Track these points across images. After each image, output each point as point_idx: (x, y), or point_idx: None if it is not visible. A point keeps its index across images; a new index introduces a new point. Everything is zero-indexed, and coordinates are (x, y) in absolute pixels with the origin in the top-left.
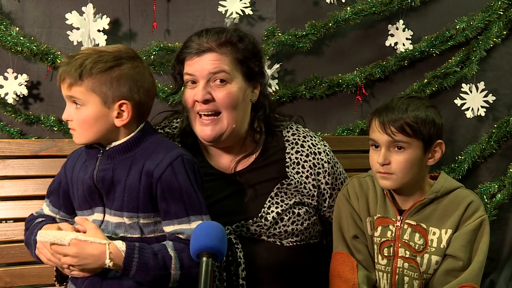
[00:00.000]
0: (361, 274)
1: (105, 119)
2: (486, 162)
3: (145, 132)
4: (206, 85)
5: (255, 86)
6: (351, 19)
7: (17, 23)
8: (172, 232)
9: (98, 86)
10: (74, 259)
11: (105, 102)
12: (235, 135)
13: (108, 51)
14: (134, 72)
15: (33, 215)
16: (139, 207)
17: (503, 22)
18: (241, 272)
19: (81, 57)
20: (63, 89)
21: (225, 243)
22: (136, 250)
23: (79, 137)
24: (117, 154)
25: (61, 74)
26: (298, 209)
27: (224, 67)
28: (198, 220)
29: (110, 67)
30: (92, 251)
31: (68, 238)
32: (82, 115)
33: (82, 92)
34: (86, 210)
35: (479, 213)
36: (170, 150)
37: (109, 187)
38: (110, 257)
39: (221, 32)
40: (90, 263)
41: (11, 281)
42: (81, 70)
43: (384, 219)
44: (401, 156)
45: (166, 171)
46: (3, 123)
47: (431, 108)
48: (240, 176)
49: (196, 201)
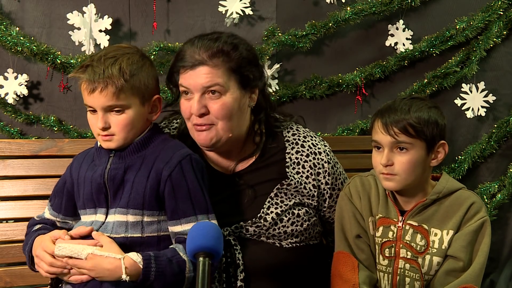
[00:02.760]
0: (362, 274)
1: (143, 118)
2: (486, 162)
3: (154, 131)
4: (201, 98)
5: (252, 91)
6: (351, 19)
7: (17, 23)
8: (180, 233)
9: (137, 87)
10: (91, 272)
11: (143, 101)
12: (233, 141)
13: (129, 52)
14: (152, 67)
15: (34, 220)
16: (145, 204)
17: (503, 22)
18: (240, 273)
19: (111, 62)
20: (101, 99)
21: (221, 242)
22: (152, 260)
23: (119, 141)
24: (129, 154)
25: (96, 82)
26: (297, 210)
27: (217, 80)
28: (205, 219)
29: (142, 65)
30: (108, 266)
31: (85, 253)
32: (124, 119)
33: (127, 97)
34: (89, 209)
35: (481, 214)
36: (179, 149)
37: (118, 186)
38: (126, 272)
39: (213, 40)
40: (106, 277)
41: (11, 281)
42: (123, 74)
43: (386, 219)
44: (404, 157)
45: (175, 170)
46: (3, 123)
47: (433, 109)
48: (239, 177)
49: (203, 201)
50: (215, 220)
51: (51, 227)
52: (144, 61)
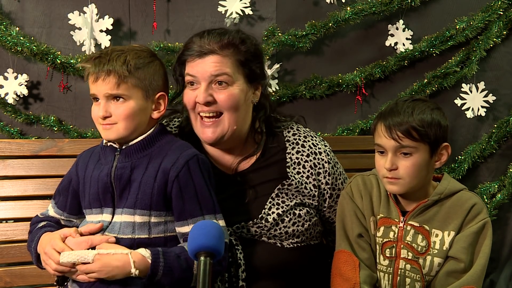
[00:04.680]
0: (363, 273)
1: (145, 112)
2: (486, 162)
3: (160, 131)
4: (208, 87)
5: (257, 88)
6: (351, 19)
7: (17, 23)
8: (188, 233)
9: (142, 80)
10: (101, 273)
11: (147, 96)
12: (236, 136)
13: (137, 49)
14: (160, 66)
15: (38, 217)
16: (152, 205)
17: (503, 22)
18: (241, 273)
19: (118, 54)
20: (103, 86)
21: (223, 242)
22: (161, 255)
23: (119, 130)
24: (135, 152)
25: (100, 72)
26: (299, 210)
27: (226, 69)
28: (212, 219)
29: (149, 62)
30: (117, 263)
31: (92, 255)
32: (125, 108)
33: (128, 88)
34: (95, 208)
35: (482, 216)
36: (185, 149)
37: (125, 185)
38: (135, 266)
39: (223, 34)
40: (116, 275)
41: (11, 281)
42: (127, 65)
43: (387, 219)
44: (409, 161)
45: (182, 171)
46: (3, 123)
47: (436, 111)
48: (241, 176)
49: (210, 201)
50: (222, 220)
51: (55, 225)
52: (152, 59)
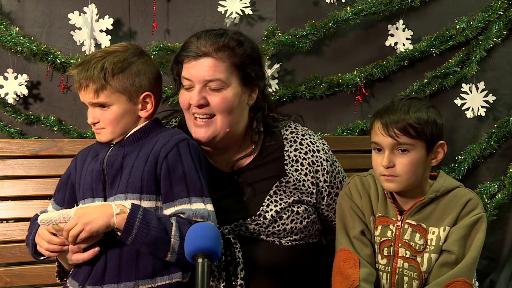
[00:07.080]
0: (364, 271)
1: (131, 114)
2: (486, 162)
3: (154, 124)
4: (202, 90)
5: (253, 90)
6: (351, 19)
7: (17, 23)
8: (173, 213)
9: (122, 85)
10: (82, 221)
11: (131, 98)
12: (230, 137)
13: (119, 51)
14: (147, 65)
15: (37, 215)
16: (143, 187)
17: (503, 22)
18: (240, 272)
19: (97, 61)
20: (85, 96)
21: (220, 243)
22: (141, 209)
23: (107, 134)
24: (128, 143)
25: (81, 81)
26: (297, 207)
27: (219, 75)
28: (199, 202)
29: (128, 64)
30: (98, 208)
31: (72, 211)
32: (110, 114)
33: (108, 95)
34: (87, 198)
35: (477, 211)
36: (177, 134)
37: (116, 172)
38: (116, 208)
39: (220, 35)
40: (97, 223)
41: (11, 281)
42: (104, 74)
43: (385, 218)
44: (405, 158)
45: (171, 152)
46: (3, 123)
47: (431, 109)
48: (238, 174)
49: (198, 184)
50: (210, 204)
51: None
52: (135, 59)
